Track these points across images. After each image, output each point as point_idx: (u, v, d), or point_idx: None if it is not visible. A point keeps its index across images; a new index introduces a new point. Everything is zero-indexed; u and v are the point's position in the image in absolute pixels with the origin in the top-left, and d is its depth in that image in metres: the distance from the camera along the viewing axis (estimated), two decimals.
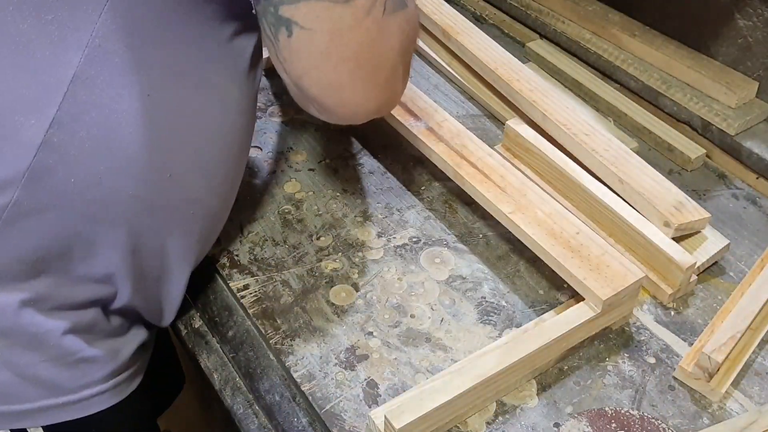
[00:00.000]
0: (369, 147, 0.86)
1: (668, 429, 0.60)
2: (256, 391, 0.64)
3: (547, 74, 0.98)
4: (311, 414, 0.62)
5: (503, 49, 0.91)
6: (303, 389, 0.62)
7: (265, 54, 0.95)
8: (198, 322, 0.70)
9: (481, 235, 0.76)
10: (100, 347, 0.61)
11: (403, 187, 0.81)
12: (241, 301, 0.68)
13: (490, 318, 0.68)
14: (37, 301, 0.57)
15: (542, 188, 0.75)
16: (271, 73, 0.97)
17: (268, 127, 0.88)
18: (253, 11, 0.56)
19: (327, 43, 0.52)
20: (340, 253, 0.73)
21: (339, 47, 0.53)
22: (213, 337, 0.69)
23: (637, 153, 0.87)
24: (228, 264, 0.72)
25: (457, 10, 1.11)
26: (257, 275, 0.71)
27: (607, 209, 0.73)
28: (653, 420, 0.61)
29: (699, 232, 0.74)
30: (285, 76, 0.57)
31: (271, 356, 0.66)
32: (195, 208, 0.62)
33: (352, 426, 0.59)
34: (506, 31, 1.07)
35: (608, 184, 0.76)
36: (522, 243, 0.70)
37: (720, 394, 0.62)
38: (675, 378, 0.64)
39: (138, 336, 0.65)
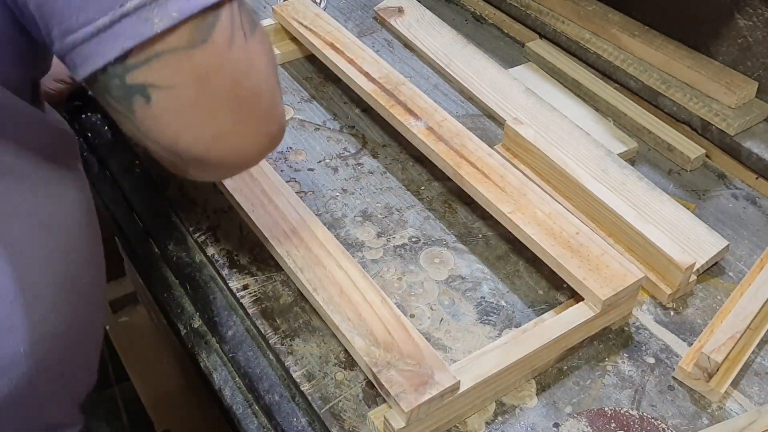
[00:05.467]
0: (368, 147, 0.86)
1: (667, 429, 0.60)
2: (256, 391, 0.64)
3: (547, 74, 0.98)
4: (310, 414, 0.62)
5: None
6: (302, 389, 0.62)
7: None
8: (197, 322, 0.70)
9: (480, 235, 0.76)
10: None
11: (403, 187, 0.81)
12: (241, 301, 0.68)
13: (489, 318, 0.68)
14: None
15: (542, 188, 0.75)
16: None
17: None
18: (89, 93, 0.50)
19: (195, 93, 0.46)
20: None
21: (210, 93, 0.47)
22: (212, 337, 0.69)
23: (637, 153, 0.87)
24: (227, 264, 0.72)
25: (457, 10, 1.12)
26: (257, 275, 0.71)
27: (607, 209, 0.73)
28: (652, 420, 0.61)
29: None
30: (155, 146, 0.49)
31: (271, 356, 0.66)
32: None
33: (351, 426, 0.59)
34: (506, 31, 1.07)
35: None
36: (521, 243, 0.70)
37: (719, 394, 0.62)
38: (674, 378, 0.64)
39: None
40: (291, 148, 0.85)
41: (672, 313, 0.70)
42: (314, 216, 0.71)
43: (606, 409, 0.62)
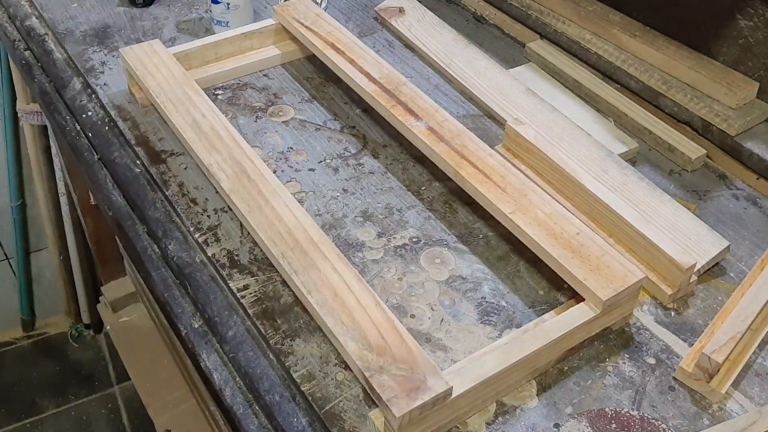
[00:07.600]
0: (369, 147, 0.86)
1: (668, 430, 0.60)
2: (256, 391, 0.64)
3: (548, 74, 0.98)
4: (311, 414, 0.61)
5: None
6: (303, 389, 0.62)
7: (268, 54, 0.95)
8: (198, 322, 0.70)
9: (481, 236, 0.76)
10: None
11: (403, 187, 0.81)
12: (241, 301, 0.68)
13: (490, 318, 0.68)
14: None
15: (542, 188, 0.75)
16: (271, 72, 0.97)
17: (268, 127, 0.88)
18: None
19: None
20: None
21: None
22: (213, 337, 0.69)
23: (638, 153, 0.87)
24: (228, 264, 0.71)
25: (457, 11, 1.12)
26: (257, 275, 0.71)
27: (608, 209, 0.73)
28: (653, 421, 0.61)
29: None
30: None
31: (271, 356, 0.65)
32: None
33: (352, 426, 0.59)
34: (506, 32, 1.07)
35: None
36: (522, 243, 0.70)
37: (720, 394, 0.62)
38: (675, 379, 0.64)
39: None
40: (291, 148, 0.85)
41: (673, 313, 0.70)
42: (310, 218, 0.70)
43: (606, 409, 0.62)
